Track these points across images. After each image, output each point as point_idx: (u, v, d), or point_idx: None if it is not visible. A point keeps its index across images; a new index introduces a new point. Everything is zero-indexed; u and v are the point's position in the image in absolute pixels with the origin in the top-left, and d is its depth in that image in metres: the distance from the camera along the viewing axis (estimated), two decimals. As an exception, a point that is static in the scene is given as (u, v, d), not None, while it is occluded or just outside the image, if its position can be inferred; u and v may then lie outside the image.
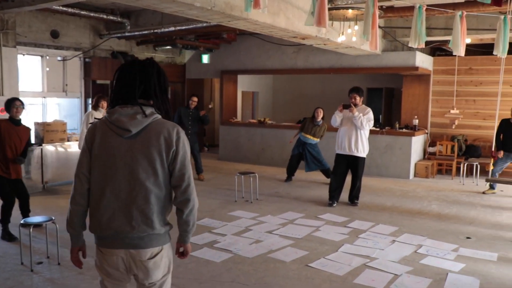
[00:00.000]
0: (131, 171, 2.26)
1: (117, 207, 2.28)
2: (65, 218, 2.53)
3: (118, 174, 2.27)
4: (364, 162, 7.32)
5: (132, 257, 2.31)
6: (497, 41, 6.05)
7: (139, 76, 2.31)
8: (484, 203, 7.80)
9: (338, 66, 10.82)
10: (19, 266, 4.68)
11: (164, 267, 2.40)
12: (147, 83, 2.31)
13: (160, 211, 2.32)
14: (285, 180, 9.38)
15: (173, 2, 5.13)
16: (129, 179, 2.27)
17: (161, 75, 2.37)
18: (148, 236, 2.30)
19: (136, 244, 2.30)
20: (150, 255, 2.33)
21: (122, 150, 2.27)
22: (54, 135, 8.37)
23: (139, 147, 2.26)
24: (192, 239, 5.38)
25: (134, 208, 2.26)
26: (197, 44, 11.67)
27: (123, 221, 2.27)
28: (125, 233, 2.28)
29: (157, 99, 2.35)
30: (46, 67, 10.02)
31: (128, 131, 2.25)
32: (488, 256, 5.16)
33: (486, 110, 10.27)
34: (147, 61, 2.36)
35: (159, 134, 2.27)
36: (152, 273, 2.34)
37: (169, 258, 2.44)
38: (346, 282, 4.38)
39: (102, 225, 2.30)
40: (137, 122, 2.25)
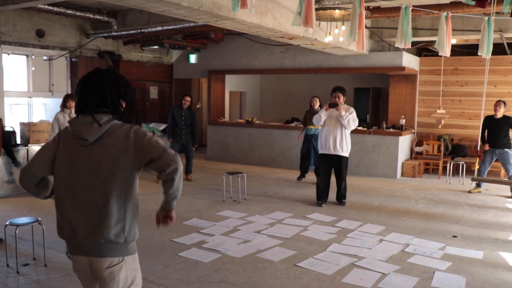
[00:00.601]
0: (90, 179, 2.30)
1: (76, 215, 2.31)
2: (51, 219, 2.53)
3: (78, 182, 2.32)
4: (347, 161, 7.34)
5: (91, 265, 2.35)
6: (481, 42, 6.11)
7: (94, 86, 2.37)
8: (470, 202, 7.88)
9: (325, 66, 10.86)
10: (4, 268, 4.62)
11: (124, 281, 2.37)
12: (102, 93, 2.37)
13: (119, 220, 2.30)
14: (297, 178, 9.39)
15: (160, 2, 5.11)
16: (88, 187, 2.30)
17: (120, 83, 2.42)
18: (105, 244, 2.31)
19: (93, 252, 2.33)
20: (108, 264, 2.33)
21: (81, 158, 2.32)
22: (40, 135, 8.29)
23: (97, 155, 2.30)
24: (180, 240, 5.41)
25: (92, 216, 2.29)
26: (184, 44, 11.63)
27: (82, 228, 2.30)
28: (84, 241, 2.31)
29: (114, 107, 2.38)
30: (31, 67, 9.91)
31: (85, 140, 2.31)
32: (474, 254, 5.22)
33: (472, 110, 10.38)
34: (104, 71, 2.43)
35: (116, 139, 2.31)
36: (108, 284, 2.35)
37: (131, 272, 2.40)
38: (335, 282, 4.40)
39: (63, 232, 2.37)
40: (93, 131, 2.31)
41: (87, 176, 2.30)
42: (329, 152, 7.19)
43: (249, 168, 10.85)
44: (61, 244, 5.24)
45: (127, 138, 2.30)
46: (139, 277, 2.48)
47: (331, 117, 7.18)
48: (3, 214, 5.81)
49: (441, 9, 6.74)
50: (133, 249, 2.41)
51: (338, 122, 7.10)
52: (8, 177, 7.68)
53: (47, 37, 9.81)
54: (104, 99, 2.37)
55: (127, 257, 2.38)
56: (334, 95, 7.19)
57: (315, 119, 7.35)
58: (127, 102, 2.45)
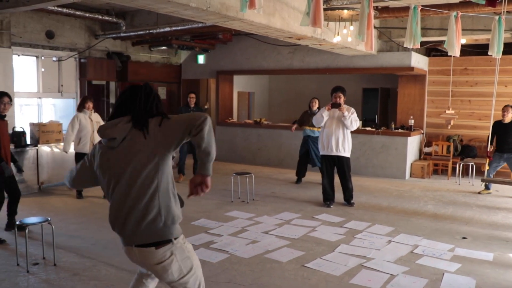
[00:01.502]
0: (125, 173, 2.43)
1: (122, 212, 2.46)
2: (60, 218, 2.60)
3: (117, 182, 2.46)
4: (349, 161, 7.30)
5: (142, 261, 2.49)
6: (492, 42, 6.07)
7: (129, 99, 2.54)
8: (480, 203, 7.83)
9: (333, 67, 10.83)
10: (14, 267, 4.66)
11: (179, 271, 2.49)
12: (132, 104, 2.51)
13: (153, 206, 2.41)
14: (295, 182, 9.33)
15: (168, 3, 5.12)
16: (125, 180, 2.43)
17: (149, 96, 2.56)
18: (146, 231, 2.42)
19: (138, 241, 2.45)
20: (157, 261, 2.44)
21: (114, 160, 2.47)
22: (50, 135, 8.35)
23: (127, 150, 2.43)
24: (188, 239, 5.41)
25: (131, 204, 2.42)
26: (192, 45, 11.65)
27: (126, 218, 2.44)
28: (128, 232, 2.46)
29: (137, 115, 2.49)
30: (41, 68, 9.98)
31: (113, 140, 2.43)
32: (484, 256, 5.18)
33: (482, 110, 10.30)
34: (138, 86, 2.58)
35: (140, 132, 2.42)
36: (162, 276, 2.49)
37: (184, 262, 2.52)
38: (343, 283, 4.39)
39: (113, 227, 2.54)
40: (119, 129, 2.43)
41: (121, 174, 2.44)
42: (331, 153, 7.16)
43: (257, 168, 10.85)
44: (70, 243, 5.29)
45: (152, 127, 2.42)
46: (196, 260, 2.61)
47: (332, 117, 7.15)
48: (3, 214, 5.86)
49: (451, 8, 6.70)
50: (176, 232, 2.51)
51: (340, 122, 7.08)
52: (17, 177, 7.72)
53: (57, 38, 9.88)
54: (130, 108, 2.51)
55: (175, 247, 2.47)
56: (335, 95, 7.15)
57: (316, 119, 7.28)
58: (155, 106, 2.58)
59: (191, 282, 2.57)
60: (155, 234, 2.43)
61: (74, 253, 5.02)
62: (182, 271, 2.50)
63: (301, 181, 9.37)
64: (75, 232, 5.73)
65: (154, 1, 5.08)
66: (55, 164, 8.40)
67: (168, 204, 2.45)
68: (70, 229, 5.85)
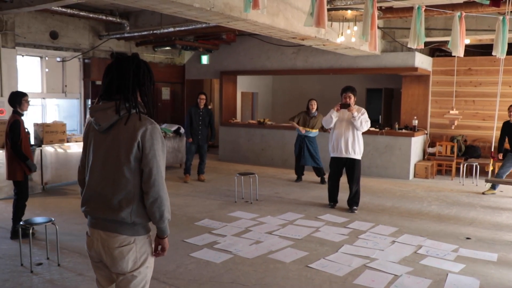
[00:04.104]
0: (103, 164, 2.43)
1: (93, 193, 2.45)
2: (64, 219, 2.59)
3: (94, 164, 2.46)
4: (360, 164, 7.07)
5: (103, 242, 2.43)
6: (496, 42, 6.05)
7: (116, 71, 2.45)
8: (484, 203, 7.80)
9: (337, 67, 10.83)
10: (18, 268, 4.67)
11: (134, 261, 2.44)
12: (122, 78, 2.43)
13: (128, 201, 2.39)
14: (295, 181, 9.36)
15: (172, 3, 5.13)
16: (101, 170, 2.43)
17: (140, 69, 2.48)
18: (115, 222, 2.41)
19: (105, 227, 2.43)
20: (118, 244, 2.41)
21: (97, 143, 2.46)
22: (54, 136, 8.36)
23: (109, 141, 2.42)
24: (191, 240, 5.43)
25: (104, 195, 2.41)
26: (196, 45, 11.67)
27: (97, 206, 2.43)
28: (98, 216, 2.44)
29: (128, 94, 2.43)
30: (45, 68, 10.01)
31: (99, 125, 2.43)
32: (488, 256, 5.16)
33: (486, 111, 10.27)
34: (127, 57, 2.49)
35: (127, 130, 2.38)
36: (118, 262, 2.42)
37: (143, 255, 2.47)
38: (346, 283, 4.38)
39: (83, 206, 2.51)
40: (107, 117, 2.40)
41: (101, 160, 2.44)
42: (341, 155, 6.94)
43: (261, 169, 10.85)
44: (74, 244, 5.30)
45: (139, 131, 2.37)
46: (152, 261, 2.56)
47: (342, 118, 6.96)
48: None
49: (455, 8, 6.68)
50: (142, 231, 2.48)
51: (350, 123, 6.86)
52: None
53: (61, 39, 9.91)
54: (121, 85, 2.43)
55: (138, 239, 2.45)
56: (344, 95, 6.93)
57: (325, 121, 7.08)
58: (142, 92, 2.49)
59: (139, 279, 2.48)
60: (123, 229, 2.41)
61: (78, 254, 5.04)
62: (136, 263, 2.44)
63: (301, 179, 9.39)
64: (79, 232, 5.73)
65: (158, 1, 5.09)
66: (59, 164, 8.41)
67: (142, 206, 2.43)
68: (74, 229, 5.87)
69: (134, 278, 2.46)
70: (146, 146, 2.37)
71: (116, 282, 2.50)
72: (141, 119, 2.40)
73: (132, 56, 2.50)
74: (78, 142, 8.67)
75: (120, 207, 2.38)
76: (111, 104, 2.40)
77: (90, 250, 2.52)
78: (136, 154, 2.37)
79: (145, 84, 2.49)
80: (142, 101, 2.49)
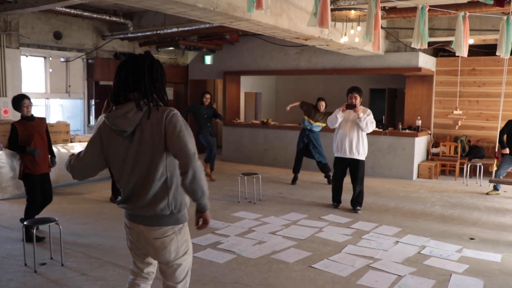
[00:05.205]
0: (137, 162, 2.48)
1: (131, 192, 2.54)
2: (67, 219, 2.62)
3: (128, 167, 2.50)
4: (364, 164, 7.07)
5: (144, 235, 2.55)
6: (500, 42, 6.03)
7: (131, 69, 2.46)
8: (488, 204, 7.78)
9: (341, 67, 10.81)
10: (22, 267, 4.68)
11: (176, 251, 2.56)
12: (137, 76, 2.45)
13: (162, 197, 2.49)
14: (291, 183, 9.23)
15: (175, 3, 5.14)
16: (137, 169, 2.49)
17: (154, 68, 2.50)
18: (154, 217, 2.51)
19: (145, 222, 2.53)
20: (160, 235, 2.52)
21: (125, 147, 2.49)
22: (57, 136, 8.39)
23: (138, 140, 2.45)
24: (194, 240, 5.43)
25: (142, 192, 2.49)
26: (199, 45, 11.68)
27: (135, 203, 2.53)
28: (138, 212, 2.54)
29: (146, 91, 2.45)
30: (49, 68, 10.05)
31: (123, 132, 2.45)
32: (492, 257, 5.15)
33: (489, 111, 10.24)
34: (140, 55, 2.51)
35: (151, 125, 2.42)
36: (160, 252, 2.54)
37: (183, 243, 2.60)
38: (350, 283, 4.37)
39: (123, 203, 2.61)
40: (130, 121, 2.42)
41: (132, 163, 2.49)
42: (345, 155, 6.94)
43: (264, 169, 10.84)
44: (77, 244, 5.31)
45: (161, 122, 2.41)
46: (191, 246, 2.69)
47: (347, 119, 6.94)
48: (20, 214, 5.89)
49: (459, 8, 6.66)
50: (181, 219, 2.58)
51: (354, 124, 6.86)
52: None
53: (64, 39, 9.94)
54: (137, 82, 2.45)
55: (177, 228, 2.56)
56: (350, 96, 6.89)
57: (330, 121, 7.05)
58: (157, 89, 2.51)
59: (183, 266, 2.63)
60: (162, 221, 2.51)
61: (81, 253, 5.05)
62: (178, 251, 2.57)
63: (297, 178, 9.23)
64: (82, 232, 5.74)
65: (161, 2, 5.10)
66: (62, 164, 8.35)
67: (177, 194, 2.53)
68: (77, 229, 5.87)
69: (179, 266, 2.62)
70: (170, 130, 2.40)
71: (161, 269, 2.65)
72: (159, 110, 2.45)
73: (146, 54, 2.53)
74: (82, 142, 8.68)
75: (156, 200, 2.47)
76: (129, 107, 2.42)
77: (131, 241, 2.64)
78: (165, 143, 2.42)
79: (159, 81, 2.53)
80: (157, 97, 2.52)
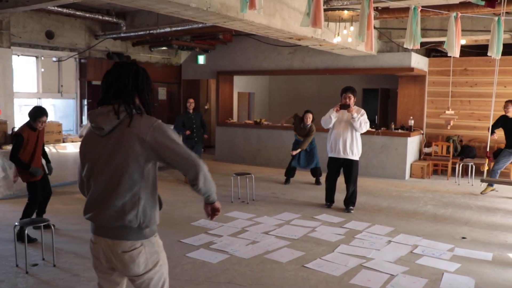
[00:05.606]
0: (108, 167, 2.37)
1: (97, 198, 2.42)
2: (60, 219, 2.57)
3: (98, 169, 2.41)
4: (358, 165, 7.10)
5: (111, 248, 2.41)
6: (491, 42, 6.07)
7: (115, 76, 2.44)
8: (479, 203, 7.83)
9: (334, 67, 10.84)
10: (14, 268, 4.65)
11: (145, 264, 2.43)
12: (120, 83, 2.42)
13: (133, 204, 2.36)
14: (284, 183, 9.27)
15: (168, 3, 5.13)
16: (106, 173, 2.38)
17: (139, 76, 2.47)
18: (121, 228, 2.38)
19: (111, 235, 2.41)
20: (127, 248, 2.39)
21: (100, 148, 2.40)
22: (50, 136, 8.34)
23: (114, 144, 2.37)
24: (187, 240, 5.43)
25: (108, 199, 2.38)
26: (193, 45, 11.66)
27: (101, 213, 2.40)
28: (102, 224, 2.41)
29: (128, 98, 2.41)
30: (41, 68, 9.99)
31: (101, 129, 2.38)
32: (483, 256, 5.18)
33: (481, 111, 10.31)
34: (125, 63, 2.49)
35: (131, 130, 2.34)
36: (129, 266, 2.41)
37: (152, 256, 2.47)
38: (343, 283, 4.39)
39: (87, 214, 2.47)
40: (109, 120, 2.36)
41: (103, 165, 2.39)
42: (339, 155, 6.95)
43: (257, 169, 10.85)
44: (70, 244, 5.29)
45: (145, 131, 2.34)
46: (163, 257, 2.57)
47: (341, 119, 6.93)
48: (13, 215, 5.86)
49: (451, 9, 6.70)
50: (149, 234, 2.47)
51: (348, 124, 6.85)
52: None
53: (57, 39, 9.88)
54: (120, 89, 2.41)
55: (145, 242, 2.44)
56: (344, 96, 6.88)
57: (324, 121, 7.03)
58: (142, 98, 2.48)
59: (156, 279, 2.50)
60: (129, 234, 2.39)
61: (73, 254, 5.02)
62: (148, 264, 2.44)
63: (289, 180, 9.27)
64: (74, 233, 5.72)
65: (154, 1, 5.09)
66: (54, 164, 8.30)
67: (147, 208, 2.41)
68: (70, 230, 5.84)
69: (151, 281, 2.49)
70: (160, 141, 2.34)
71: (134, 284, 2.53)
72: (143, 118, 2.39)
73: (131, 62, 2.50)
74: (74, 143, 8.65)
75: (124, 211, 2.35)
76: (111, 108, 2.38)
77: (96, 258, 2.48)
78: (145, 153, 2.34)
79: (144, 90, 2.48)
80: (142, 106, 2.47)
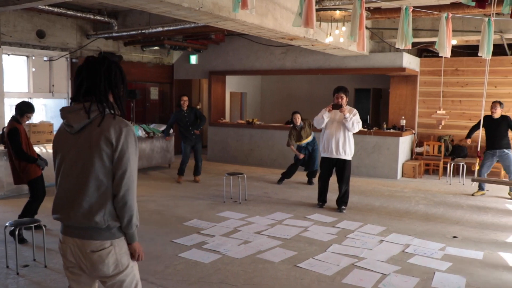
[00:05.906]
0: (75, 165, 2.35)
1: (64, 197, 2.39)
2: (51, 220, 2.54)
3: (66, 167, 2.39)
4: (350, 164, 7.10)
5: (79, 248, 2.37)
6: (481, 43, 6.12)
7: (87, 72, 2.39)
8: (470, 202, 7.88)
9: (326, 67, 10.86)
10: (4, 269, 4.62)
11: (114, 264, 2.37)
12: (92, 80, 2.37)
13: (100, 205, 2.32)
14: (277, 182, 9.24)
15: (160, 3, 5.11)
16: (74, 172, 2.36)
17: (112, 72, 2.41)
18: (89, 229, 2.34)
19: (79, 234, 2.36)
20: (96, 248, 2.34)
21: (68, 145, 2.39)
22: (41, 136, 8.29)
23: (83, 142, 2.34)
24: (180, 240, 5.42)
25: (75, 199, 2.34)
26: (185, 45, 11.64)
27: (69, 212, 2.36)
28: (70, 223, 2.37)
29: (100, 96, 2.36)
30: (32, 68, 9.92)
31: (71, 127, 2.35)
32: (474, 254, 5.22)
33: (472, 111, 10.38)
34: (98, 58, 2.43)
35: (101, 131, 2.31)
36: (98, 266, 2.36)
37: (123, 256, 2.41)
38: (335, 282, 4.40)
39: (55, 213, 2.44)
40: (79, 118, 2.33)
41: (71, 163, 2.37)
42: (331, 155, 6.96)
43: (250, 169, 10.85)
44: (61, 244, 5.25)
45: (114, 133, 2.31)
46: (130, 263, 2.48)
47: (333, 119, 6.94)
48: (3, 215, 5.82)
49: (442, 10, 6.74)
50: (119, 233, 2.40)
51: (341, 124, 6.86)
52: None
53: (48, 38, 9.82)
54: (92, 86, 2.37)
55: (115, 241, 2.38)
56: (336, 96, 6.88)
57: (317, 121, 7.02)
58: (115, 95, 2.42)
59: (128, 281, 2.44)
60: (98, 234, 2.35)
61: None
62: (118, 265, 2.38)
63: (283, 181, 9.25)
64: (66, 233, 5.68)
65: (146, 1, 5.07)
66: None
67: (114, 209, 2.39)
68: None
69: (122, 283, 2.43)
70: (120, 149, 2.31)
71: (105, 286, 2.45)
72: (115, 119, 2.35)
73: (102, 57, 2.42)
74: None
75: (92, 211, 2.30)
76: (82, 106, 2.34)
77: (65, 257, 2.43)
78: (111, 155, 2.31)
79: (118, 86, 2.43)
80: (115, 103, 2.43)
